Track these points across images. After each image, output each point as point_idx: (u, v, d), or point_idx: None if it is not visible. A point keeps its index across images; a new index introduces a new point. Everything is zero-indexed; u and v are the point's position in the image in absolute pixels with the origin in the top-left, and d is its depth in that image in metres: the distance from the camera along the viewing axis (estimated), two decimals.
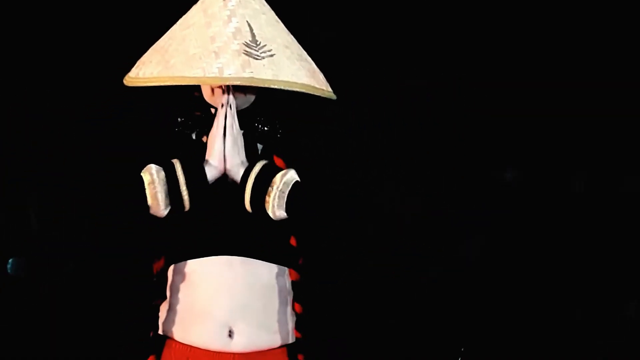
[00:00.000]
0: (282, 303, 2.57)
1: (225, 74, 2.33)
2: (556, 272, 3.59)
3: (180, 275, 2.55)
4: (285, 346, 2.58)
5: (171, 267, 2.56)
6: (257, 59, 2.36)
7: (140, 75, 2.43)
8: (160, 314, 2.57)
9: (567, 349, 3.59)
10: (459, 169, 3.62)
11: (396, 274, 3.54)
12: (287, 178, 2.46)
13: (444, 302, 3.59)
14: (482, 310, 3.59)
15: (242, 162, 2.50)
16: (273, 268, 2.55)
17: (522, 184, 3.62)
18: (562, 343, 3.59)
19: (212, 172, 2.48)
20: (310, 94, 2.45)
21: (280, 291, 2.57)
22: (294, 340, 2.59)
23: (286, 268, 2.57)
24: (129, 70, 2.50)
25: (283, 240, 2.55)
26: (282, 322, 2.57)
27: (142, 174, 2.46)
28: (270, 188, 2.45)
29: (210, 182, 2.48)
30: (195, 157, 2.49)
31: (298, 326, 2.57)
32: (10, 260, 3.49)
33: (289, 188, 2.46)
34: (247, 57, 2.35)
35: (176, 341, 2.54)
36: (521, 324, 3.58)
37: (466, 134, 3.61)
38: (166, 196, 2.44)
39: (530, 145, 3.62)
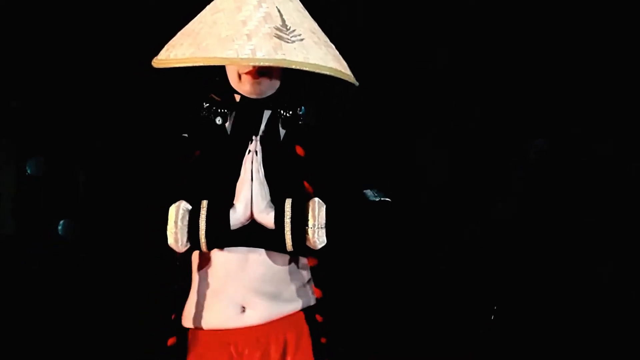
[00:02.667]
0: (298, 278, 2.62)
1: (258, 55, 2.34)
2: (582, 234, 3.60)
3: (203, 265, 2.61)
4: (303, 310, 2.64)
5: (195, 256, 2.62)
6: (287, 42, 2.37)
7: (172, 56, 2.44)
8: (187, 303, 2.63)
9: (595, 310, 3.61)
10: (492, 136, 3.62)
11: (428, 238, 3.58)
12: (319, 211, 2.52)
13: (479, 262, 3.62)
14: (512, 272, 3.61)
15: (269, 204, 2.54)
16: (289, 257, 2.61)
17: (551, 151, 3.61)
18: (590, 304, 3.59)
19: (238, 218, 2.53)
20: (332, 80, 2.48)
21: (296, 272, 2.62)
22: (312, 304, 2.64)
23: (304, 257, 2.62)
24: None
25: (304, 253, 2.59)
26: (296, 293, 2.62)
27: (170, 209, 2.51)
28: (307, 227, 2.51)
29: (233, 228, 2.52)
30: (223, 202, 2.53)
31: (319, 311, 2.62)
32: (61, 222, 3.58)
33: (324, 220, 2.52)
34: (278, 40, 2.36)
35: (197, 330, 2.62)
36: (547, 285, 3.59)
37: (499, 103, 3.61)
38: (186, 240, 2.51)
39: (559, 114, 3.60)
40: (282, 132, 2.62)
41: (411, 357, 3.57)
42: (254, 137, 2.58)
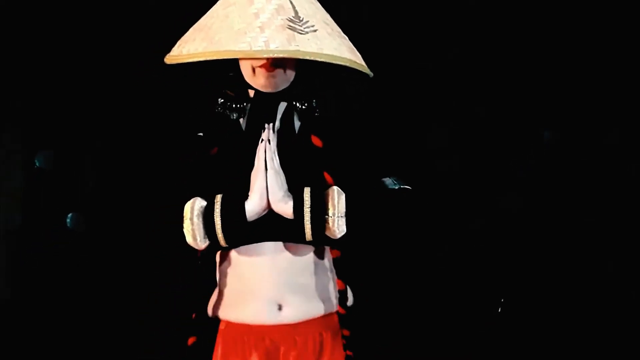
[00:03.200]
0: (325, 276, 2.62)
1: (272, 47, 2.33)
2: (588, 228, 3.60)
3: (227, 262, 2.61)
4: (336, 313, 2.62)
5: (218, 254, 2.62)
6: (301, 33, 2.36)
7: (184, 52, 2.43)
8: (211, 298, 2.65)
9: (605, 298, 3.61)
10: (501, 127, 3.62)
11: (439, 229, 3.58)
12: (338, 199, 2.49)
13: (487, 255, 3.61)
14: (521, 261, 3.61)
15: (286, 194, 2.51)
16: (313, 247, 2.59)
17: (559, 142, 3.60)
18: (597, 299, 3.60)
19: (253, 209, 2.50)
20: (346, 71, 2.48)
21: (323, 266, 2.61)
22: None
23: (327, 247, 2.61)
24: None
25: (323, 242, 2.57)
26: (331, 292, 2.62)
27: (185, 206, 2.50)
28: (327, 217, 2.49)
29: (250, 220, 2.50)
30: (237, 195, 2.51)
31: (341, 302, 2.60)
32: (69, 215, 3.58)
33: (344, 208, 2.49)
34: (291, 32, 2.35)
35: (230, 322, 2.62)
36: (557, 274, 3.59)
37: (508, 95, 3.62)
38: (204, 236, 2.50)
39: (567, 106, 3.60)
40: (298, 124, 2.61)
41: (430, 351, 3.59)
42: (266, 126, 2.55)
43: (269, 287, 2.56)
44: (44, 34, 3.54)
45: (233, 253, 2.60)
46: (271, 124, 2.55)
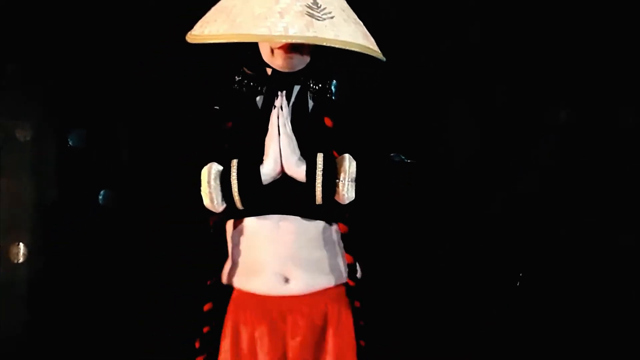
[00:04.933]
0: (332, 250, 2.70)
1: (290, 33, 2.41)
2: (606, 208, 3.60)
3: (237, 232, 2.71)
4: (344, 285, 2.73)
5: (229, 224, 2.72)
6: (319, 20, 2.43)
7: (206, 32, 2.50)
8: (225, 266, 2.75)
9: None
10: (518, 108, 3.63)
11: (455, 212, 3.60)
12: (349, 165, 2.59)
13: (502, 236, 3.62)
14: (537, 242, 3.62)
15: (299, 159, 2.62)
16: (320, 223, 2.68)
17: (575, 123, 3.61)
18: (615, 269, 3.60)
19: (268, 173, 2.62)
20: (360, 56, 2.53)
21: (328, 241, 2.70)
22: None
23: (335, 224, 2.70)
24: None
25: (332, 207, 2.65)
26: (335, 267, 2.71)
27: (202, 171, 2.61)
28: (338, 181, 2.59)
29: (265, 183, 2.61)
30: (253, 160, 2.61)
31: (350, 275, 2.71)
32: (102, 192, 3.64)
33: (355, 174, 2.59)
34: (310, 18, 2.42)
35: (240, 289, 2.73)
36: (575, 253, 3.61)
37: (523, 76, 3.61)
38: (221, 199, 2.61)
39: (584, 87, 3.60)
40: (311, 104, 2.70)
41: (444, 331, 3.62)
42: (279, 93, 2.66)
43: (275, 260, 2.67)
44: (74, 14, 3.58)
45: (242, 225, 2.70)
46: (284, 92, 2.66)
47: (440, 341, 3.58)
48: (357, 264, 2.73)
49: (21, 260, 3.63)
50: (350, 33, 2.48)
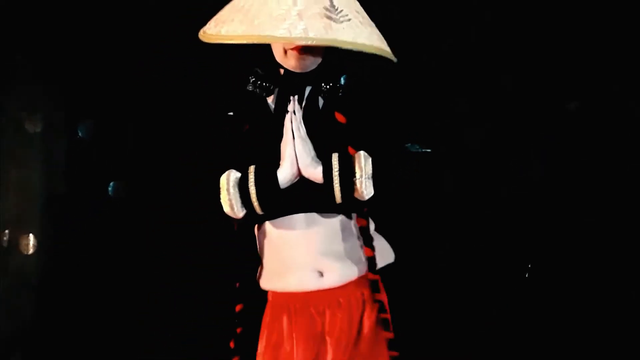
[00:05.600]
0: (355, 242, 2.75)
1: (310, 35, 2.42)
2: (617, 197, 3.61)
3: (264, 236, 2.76)
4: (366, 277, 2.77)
5: (255, 229, 2.76)
6: (337, 22, 2.45)
7: (223, 32, 2.49)
8: (259, 271, 2.79)
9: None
10: (526, 98, 3.63)
11: (466, 199, 3.63)
12: (365, 162, 2.62)
13: (513, 222, 3.64)
14: (546, 229, 3.64)
15: (315, 161, 2.65)
16: (342, 217, 2.73)
17: (584, 113, 3.62)
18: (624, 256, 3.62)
19: (285, 177, 2.65)
20: (371, 56, 2.54)
21: (352, 233, 2.74)
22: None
23: (354, 215, 2.74)
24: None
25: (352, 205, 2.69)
26: (360, 256, 2.75)
27: (221, 178, 2.64)
28: (355, 179, 2.61)
29: (283, 187, 2.64)
30: (270, 165, 2.64)
31: (370, 268, 2.75)
32: (111, 183, 3.66)
33: (371, 170, 2.62)
34: (328, 21, 2.44)
35: (275, 292, 2.77)
36: (582, 240, 3.62)
37: (533, 67, 3.62)
38: (240, 205, 2.64)
39: (594, 76, 3.61)
40: (321, 102, 2.73)
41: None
42: (291, 98, 2.69)
43: (307, 256, 2.70)
44: (85, 8, 3.60)
45: (269, 227, 2.74)
46: (296, 96, 2.69)
47: (449, 333, 3.62)
48: (377, 253, 2.77)
49: (31, 251, 3.65)
50: (366, 36, 2.50)
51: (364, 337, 2.75)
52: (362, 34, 2.49)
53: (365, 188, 2.62)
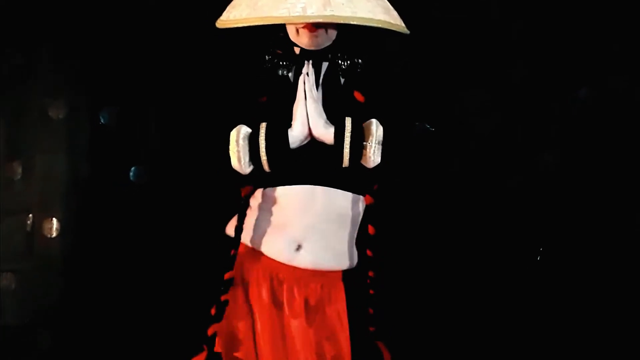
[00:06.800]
0: (352, 231, 2.78)
1: (308, 13, 2.50)
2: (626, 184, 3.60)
3: (267, 198, 2.79)
4: (343, 271, 2.80)
5: (260, 190, 2.80)
6: None
7: (231, 17, 2.61)
8: (247, 226, 2.82)
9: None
10: (537, 87, 3.63)
11: (477, 186, 3.62)
12: (377, 129, 2.66)
13: (524, 210, 3.64)
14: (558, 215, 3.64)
15: (326, 122, 2.70)
16: (348, 196, 2.76)
17: (595, 102, 3.61)
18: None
19: (297, 136, 2.69)
20: (386, 32, 2.60)
21: (353, 220, 2.77)
22: (355, 266, 2.79)
23: (362, 196, 2.77)
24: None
25: (360, 170, 2.73)
26: (348, 249, 2.78)
27: (232, 132, 2.69)
28: (365, 143, 2.65)
29: (293, 147, 2.68)
30: (281, 123, 2.69)
31: (370, 246, 2.78)
32: (133, 168, 3.71)
33: (382, 137, 2.66)
34: None
35: (255, 249, 2.81)
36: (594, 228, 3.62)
37: (544, 54, 3.62)
38: (249, 159, 2.68)
39: (603, 64, 3.60)
40: (342, 81, 2.78)
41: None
42: (305, 62, 2.74)
43: (295, 226, 2.74)
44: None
45: (271, 192, 2.77)
46: (310, 61, 2.73)
47: (456, 323, 3.63)
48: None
49: (54, 234, 3.72)
50: (369, 9, 2.54)
51: (320, 325, 2.77)
52: (363, 8, 2.54)
53: (373, 153, 2.65)
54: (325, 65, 2.80)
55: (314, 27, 2.71)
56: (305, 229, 2.74)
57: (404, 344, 2.91)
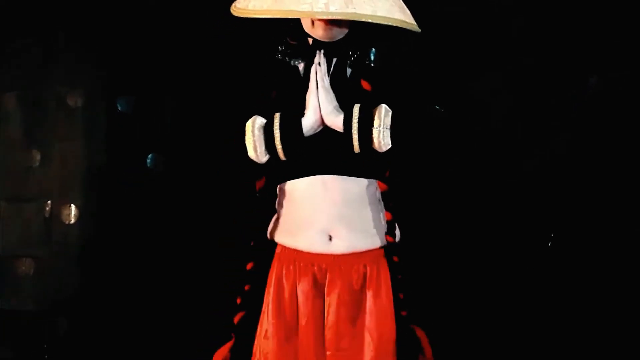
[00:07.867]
0: (375, 210, 2.82)
1: (331, 9, 2.54)
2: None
3: (285, 193, 2.84)
4: (383, 247, 2.84)
5: (278, 188, 2.85)
6: None
7: (250, 7, 2.63)
8: (270, 225, 2.88)
9: None
10: (549, 71, 3.64)
11: (488, 171, 3.64)
12: (385, 114, 2.69)
13: (535, 194, 3.65)
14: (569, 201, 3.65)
15: (336, 108, 2.73)
16: (363, 182, 2.80)
17: (603, 88, 3.61)
18: None
19: (309, 124, 2.73)
20: (397, 28, 2.63)
21: (371, 201, 2.82)
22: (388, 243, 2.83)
23: (375, 180, 2.82)
24: None
25: (373, 156, 2.76)
26: (377, 227, 2.82)
27: (247, 123, 2.73)
28: (373, 128, 2.69)
29: (307, 135, 2.72)
30: (295, 112, 2.73)
31: (389, 232, 2.82)
32: (149, 156, 3.74)
33: (390, 122, 2.69)
34: None
35: (285, 246, 2.85)
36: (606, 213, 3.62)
37: (555, 42, 3.62)
38: (264, 149, 2.72)
39: (614, 52, 3.59)
40: (349, 71, 2.81)
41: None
42: (317, 52, 2.78)
43: (322, 218, 2.78)
44: None
45: (289, 187, 2.82)
46: (322, 50, 2.76)
47: (474, 300, 3.65)
48: (396, 223, 2.83)
49: (72, 221, 3.76)
50: (387, 8, 2.60)
51: (367, 309, 2.80)
52: (382, 7, 2.59)
53: (382, 138, 2.69)
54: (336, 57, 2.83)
55: (330, 20, 2.74)
56: (330, 218, 2.78)
57: (435, 329, 2.93)
